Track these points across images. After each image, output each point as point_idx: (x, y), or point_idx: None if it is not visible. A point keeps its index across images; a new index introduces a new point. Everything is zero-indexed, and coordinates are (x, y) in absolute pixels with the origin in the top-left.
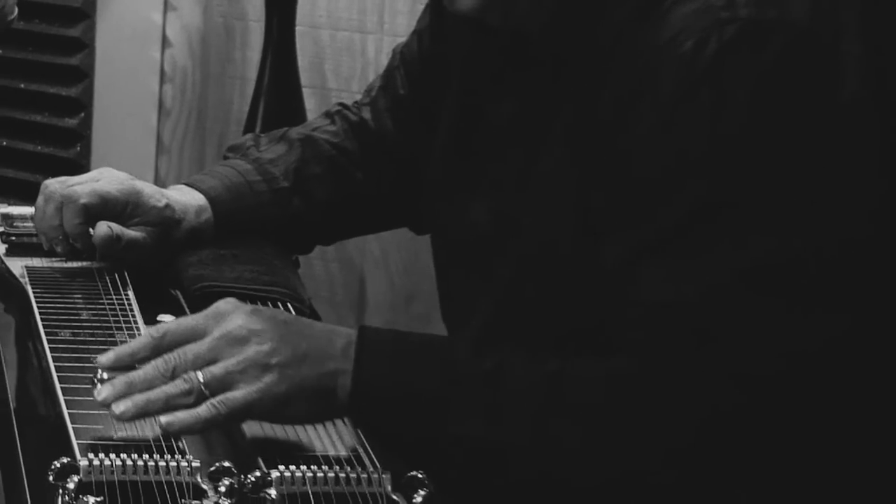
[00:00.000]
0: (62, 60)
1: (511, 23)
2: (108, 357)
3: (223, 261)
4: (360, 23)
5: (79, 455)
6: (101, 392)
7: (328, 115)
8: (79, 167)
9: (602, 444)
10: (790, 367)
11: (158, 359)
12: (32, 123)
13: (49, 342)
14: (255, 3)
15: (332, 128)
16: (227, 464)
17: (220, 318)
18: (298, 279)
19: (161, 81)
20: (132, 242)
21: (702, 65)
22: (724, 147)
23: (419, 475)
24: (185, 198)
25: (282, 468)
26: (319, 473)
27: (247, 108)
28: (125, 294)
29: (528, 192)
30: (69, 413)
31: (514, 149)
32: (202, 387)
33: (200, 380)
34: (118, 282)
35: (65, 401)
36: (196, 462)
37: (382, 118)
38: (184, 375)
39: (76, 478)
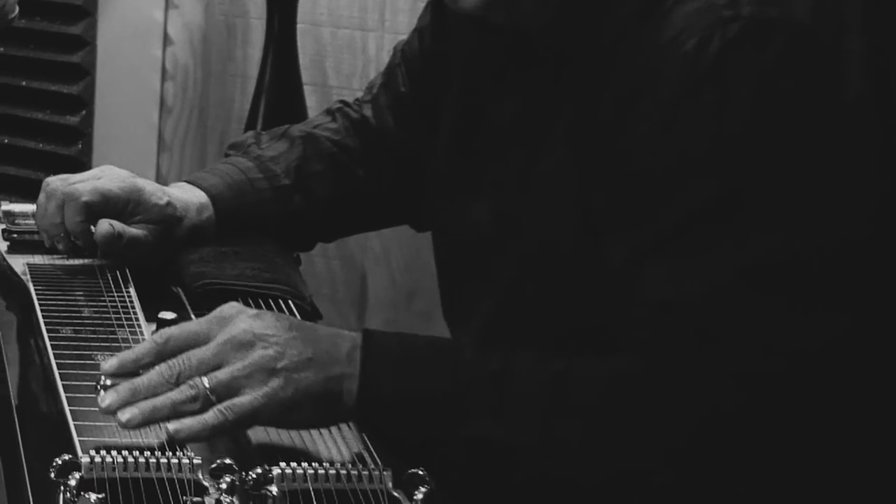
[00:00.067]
0: (64, 58)
1: (514, 21)
2: (112, 363)
3: (224, 258)
4: (362, 20)
5: (80, 452)
6: (105, 399)
7: (329, 113)
8: (80, 165)
9: (605, 444)
10: (791, 367)
11: (162, 364)
12: (34, 121)
13: (51, 339)
14: (257, 1)
15: (334, 125)
16: (229, 461)
17: (224, 323)
18: (300, 276)
19: (162, 79)
20: (133, 240)
21: (705, 63)
22: (727, 146)
23: (420, 472)
24: (187, 195)
25: (283, 465)
26: (321, 470)
27: (248, 106)
28: (126, 291)
29: (530, 192)
30: (71, 410)
31: (516, 148)
32: (208, 392)
33: (206, 385)
34: (119, 279)
35: (66, 398)
36: (197, 459)
37: (383, 116)
38: (189, 381)
39: (78, 474)
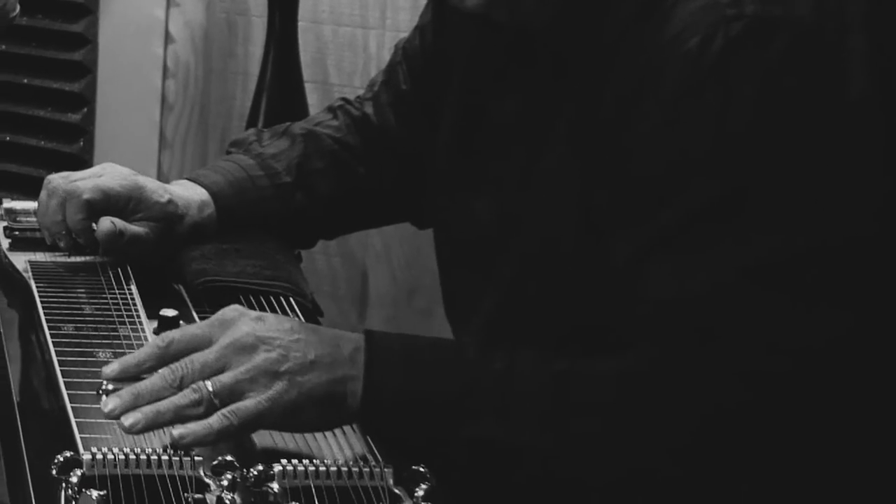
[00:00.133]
0: (65, 56)
1: (516, 19)
2: (113, 368)
3: (226, 255)
4: (363, 18)
5: (82, 449)
6: (108, 404)
7: (330, 110)
8: (82, 162)
9: (609, 442)
10: (795, 364)
11: (165, 368)
12: (36, 118)
13: (52, 336)
14: None
15: (335, 123)
16: (230, 458)
17: (226, 326)
18: (301, 274)
19: (164, 77)
20: (135, 237)
21: (708, 62)
22: (730, 144)
23: (421, 469)
24: (188, 193)
25: (284, 462)
26: (321, 467)
27: (249, 104)
28: (128, 289)
29: (531, 190)
30: (72, 407)
31: (517, 146)
32: (212, 396)
33: (210, 389)
34: (121, 276)
35: (68, 395)
36: (199, 456)
37: (385, 113)
38: (192, 385)
39: (79, 471)
